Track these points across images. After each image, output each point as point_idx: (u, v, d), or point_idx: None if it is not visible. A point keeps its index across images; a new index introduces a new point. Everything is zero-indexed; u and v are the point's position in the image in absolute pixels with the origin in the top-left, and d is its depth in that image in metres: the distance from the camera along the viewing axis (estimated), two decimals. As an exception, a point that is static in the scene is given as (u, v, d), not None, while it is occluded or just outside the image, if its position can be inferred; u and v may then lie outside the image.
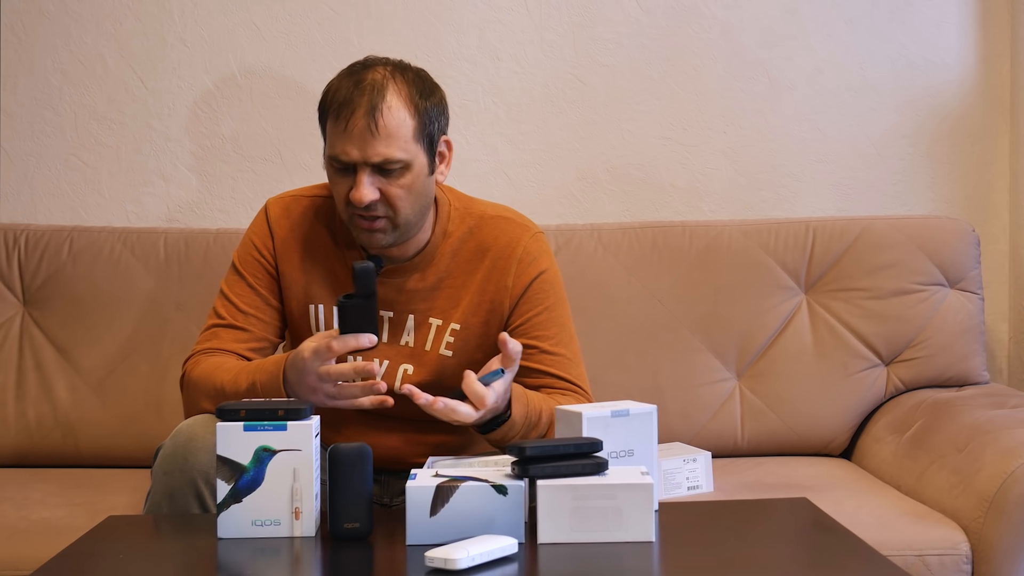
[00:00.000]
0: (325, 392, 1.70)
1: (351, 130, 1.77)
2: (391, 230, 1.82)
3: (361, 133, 1.76)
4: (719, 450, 2.35)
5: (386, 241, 1.83)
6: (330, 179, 1.84)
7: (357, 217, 1.81)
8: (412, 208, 1.82)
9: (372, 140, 1.77)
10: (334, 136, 1.80)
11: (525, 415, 1.77)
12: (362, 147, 1.77)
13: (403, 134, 1.78)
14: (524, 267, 1.91)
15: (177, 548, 1.56)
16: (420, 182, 1.82)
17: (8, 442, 2.37)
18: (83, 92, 2.60)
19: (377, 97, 1.77)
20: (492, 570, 1.36)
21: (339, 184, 1.82)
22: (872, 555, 1.43)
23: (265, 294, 1.93)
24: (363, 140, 1.77)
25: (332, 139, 1.80)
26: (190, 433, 1.69)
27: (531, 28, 2.62)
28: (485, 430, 1.76)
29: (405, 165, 1.79)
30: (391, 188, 1.79)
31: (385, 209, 1.80)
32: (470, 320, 1.90)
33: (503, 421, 1.74)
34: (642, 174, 2.64)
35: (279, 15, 2.61)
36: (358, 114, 1.76)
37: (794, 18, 2.63)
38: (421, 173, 1.82)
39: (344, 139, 1.78)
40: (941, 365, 2.41)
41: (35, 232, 2.45)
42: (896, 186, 2.66)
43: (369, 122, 1.76)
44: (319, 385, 1.69)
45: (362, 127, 1.76)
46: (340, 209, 1.84)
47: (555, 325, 1.92)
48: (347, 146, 1.78)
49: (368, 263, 1.66)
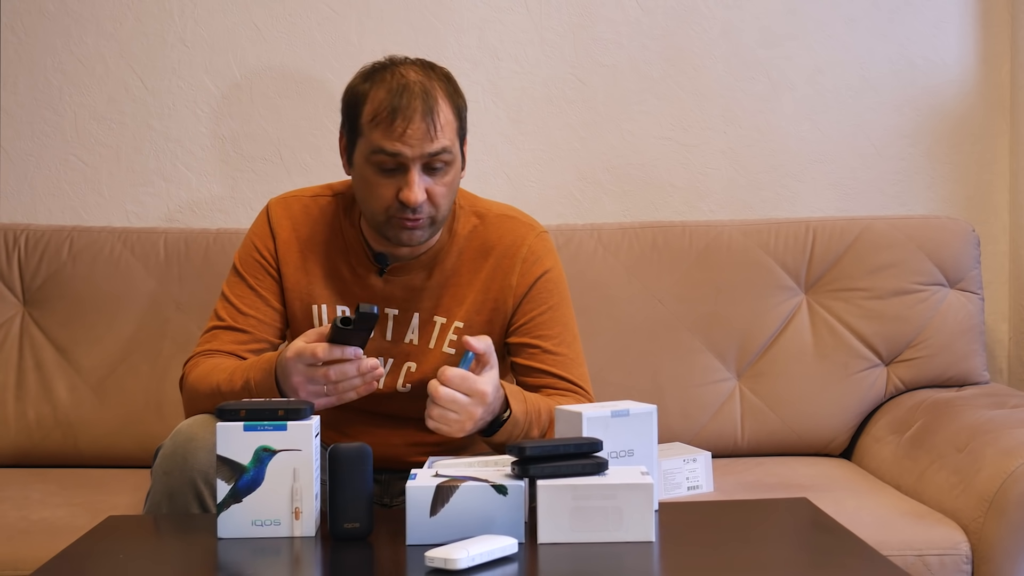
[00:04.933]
0: (312, 391, 1.69)
1: (411, 132, 1.77)
2: (428, 227, 1.83)
3: (420, 135, 1.77)
4: (719, 450, 2.35)
5: (423, 238, 1.84)
6: (368, 180, 1.82)
7: (399, 218, 1.81)
8: (448, 205, 1.85)
9: (429, 139, 1.78)
10: (383, 137, 1.78)
11: (525, 411, 1.77)
12: (419, 145, 1.77)
13: (451, 132, 1.81)
14: (528, 266, 1.91)
15: (177, 548, 1.56)
16: (458, 179, 1.86)
17: (8, 442, 2.37)
18: (83, 92, 2.60)
19: (430, 99, 1.79)
20: (492, 570, 1.36)
21: (382, 184, 1.80)
22: (872, 555, 1.43)
23: (266, 295, 1.93)
24: (421, 140, 1.77)
25: (380, 140, 1.78)
26: (189, 433, 1.70)
27: (531, 28, 2.62)
28: (488, 433, 1.76)
29: (451, 160, 1.82)
30: (436, 187, 1.81)
31: (430, 209, 1.81)
32: (474, 318, 1.90)
33: (504, 421, 1.74)
34: (642, 174, 2.64)
35: (279, 15, 2.61)
36: (416, 116, 1.77)
37: (794, 18, 2.63)
38: (459, 169, 1.86)
39: (400, 139, 1.77)
40: (941, 365, 2.41)
41: (35, 232, 2.45)
42: (896, 186, 2.66)
43: (428, 125, 1.77)
44: (304, 385, 1.69)
45: (422, 129, 1.77)
46: (376, 210, 1.82)
47: (558, 325, 1.92)
48: (401, 145, 1.77)
49: (374, 308, 1.64)
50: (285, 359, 1.70)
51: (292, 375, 1.69)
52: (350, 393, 1.70)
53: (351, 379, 1.68)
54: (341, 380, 1.68)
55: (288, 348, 1.71)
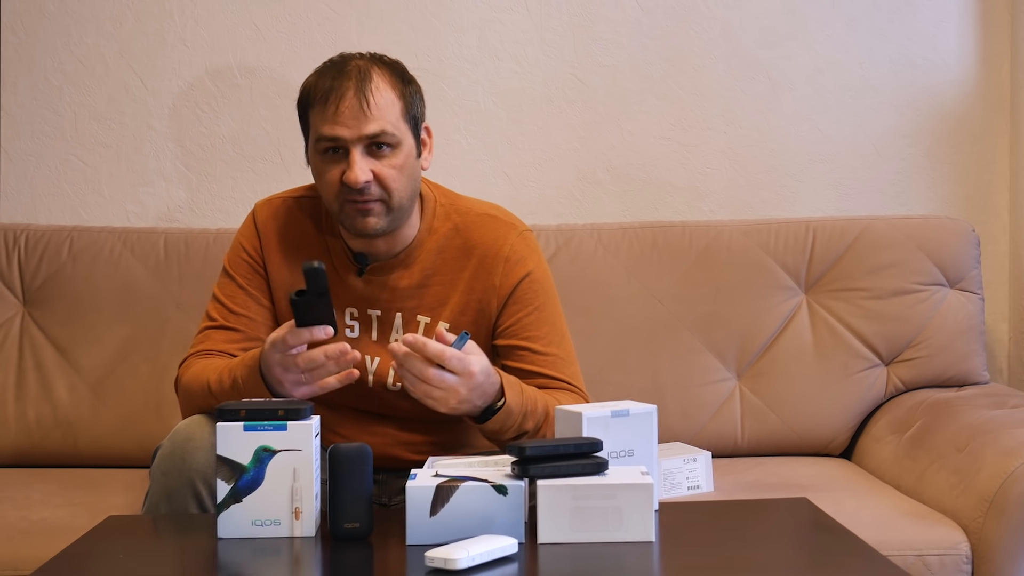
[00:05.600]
0: (291, 380, 1.69)
1: (342, 111, 1.78)
2: (385, 213, 1.82)
3: (353, 113, 1.78)
4: (719, 450, 2.34)
5: (380, 226, 1.82)
6: (318, 169, 1.84)
7: (350, 202, 1.81)
8: (404, 190, 1.83)
9: (364, 117, 1.78)
10: (322, 121, 1.80)
11: (521, 403, 1.76)
12: (355, 125, 1.78)
13: (392, 113, 1.80)
14: (511, 267, 1.90)
15: (177, 548, 1.56)
16: (410, 163, 1.83)
17: (8, 442, 2.37)
18: (83, 92, 2.60)
19: (364, 78, 1.80)
20: (492, 570, 1.36)
21: (329, 171, 1.81)
22: (872, 555, 1.43)
23: (255, 294, 1.94)
24: (355, 119, 1.78)
25: (320, 124, 1.80)
26: (188, 433, 1.70)
27: (531, 28, 2.62)
28: (482, 420, 1.75)
29: (396, 143, 1.80)
30: (384, 169, 1.80)
31: (379, 191, 1.80)
32: (459, 319, 1.90)
33: (498, 409, 1.74)
34: (642, 174, 2.64)
35: (279, 15, 2.61)
36: (348, 95, 1.78)
37: (794, 18, 2.63)
38: (411, 154, 1.84)
39: (334, 121, 1.78)
40: (941, 365, 2.41)
41: (35, 232, 2.45)
42: (896, 186, 2.66)
43: (360, 101, 1.78)
44: (284, 375, 1.69)
45: (354, 107, 1.78)
46: (330, 199, 1.83)
47: (546, 325, 1.91)
48: (337, 127, 1.78)
49: (317, 263, 1.64)
50: (263, 352, 1.71)
51: (273, 367, 1.69)
52: (330, 380, 1.69)
53: (322, 365, 1.67)
54: (311, 367, 1.68)
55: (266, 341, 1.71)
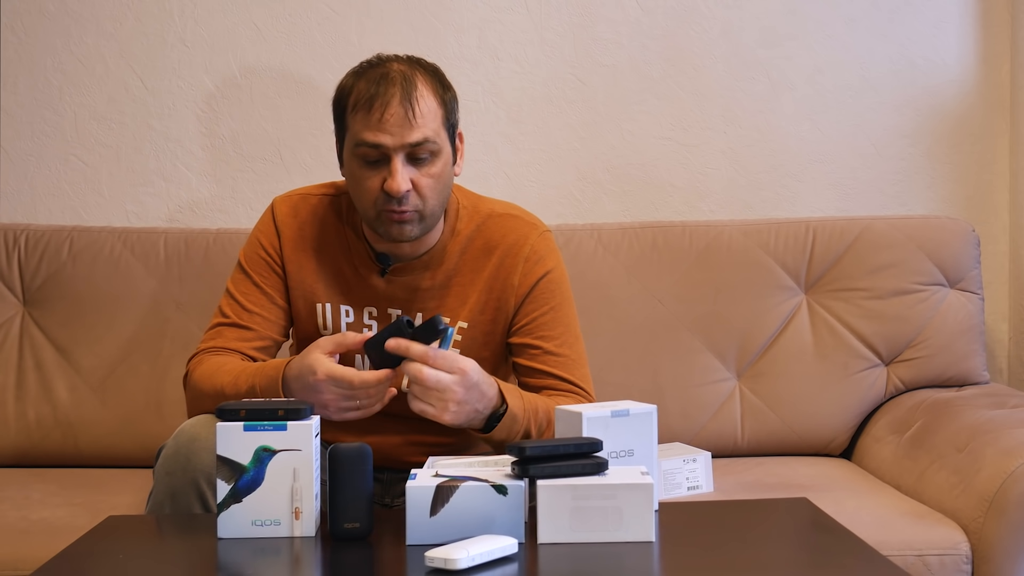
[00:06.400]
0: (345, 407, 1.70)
1: (388, 119, 1.76)
2: (418, 221, 1.82)
3: (399, 120, 1.76)
4: (719, 450, 2.35)
5: (413, 233, 1.82)
6: (355, 174, 1.82)
7: (387, 211, 1.80)
8: (438, 199, 1.83)
9: (409, 126, 1.77)
10: (364, 127, 1.78)
11: (523, 408, 1.76)
12: (399, 133, 1.76)
13: (435, 121, 1.80)
14: (531, 266, 1.91)
15: (177, 548, 1.56)
16: (447, 172, 1.84)
17: (8, 442, 2.37)
18: (83, 92, 2.60)
19: (409, 86, 1.78)
20: (492, 570, 1.36)
21: (368, 178, 1.80)
22: (872, 555, 1.43)
23: (271, 293, 1.93)
24: (400, 126, 1.76)
25: (361, 130, 1.78)
26: (192, 433, 1.69)
27: (531, 28, 2.62)
28: (486, 429, 1.75)
29: (437, 151, 1.80)
30: (422, 178, 1.79)
31: (417, 201, 1.80)
32: (477, 318, 1.90)
33: (501, 415, 1.74)
34: (642, 174, 2.64)
35: (279, 15, 2.61)
36: (394, 102, 1.76)
37: (794, 18, 2.63)
38: (448, 163, 1.83)
39: (379, 128, 1.77)
40: (941, 365, 2.41)
41: (35, 232, 2.45)
42: (896, 186, 2.66)
43: (407, 109, 1.76)
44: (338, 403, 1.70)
45: (400, 115, 1.76)
46: (366, 205, 1.82)
47: (560, 325, 1.91)
48: (381, 135, 1.77)
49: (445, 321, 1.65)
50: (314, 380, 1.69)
51: (323, 393, 1.69)
52: (376, 406, 1.72)
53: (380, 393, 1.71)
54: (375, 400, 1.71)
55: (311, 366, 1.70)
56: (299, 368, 1.71)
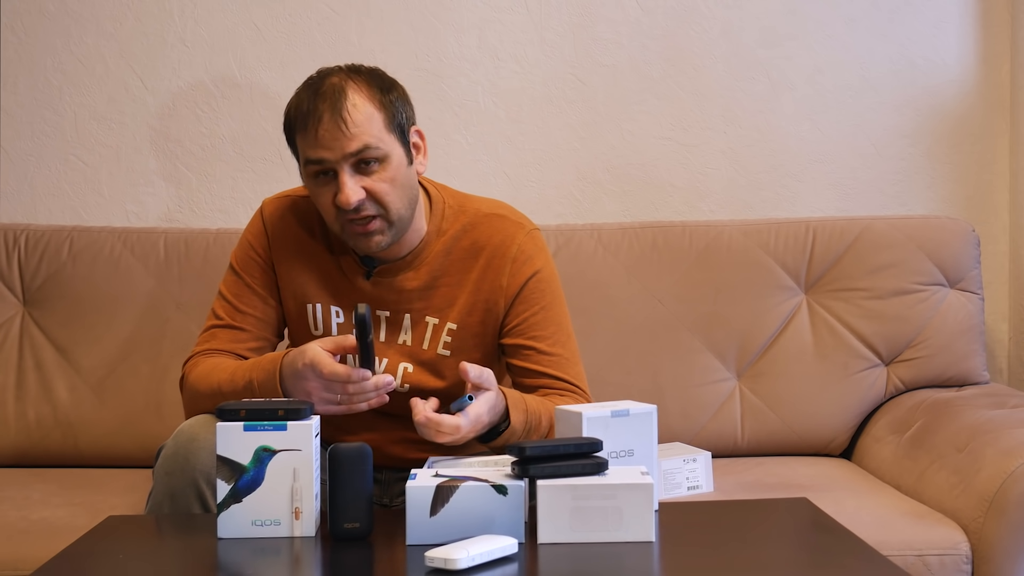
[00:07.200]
0: (326, 399, 1.70)
1: (322, 135, 1.76)
2: (387, 229, 1.81)
3: (333, 134, 1.76)
4: (719, 450, 2.35)
5: (384, 242, 1.82)
6: (313, 194, 1.83)
7: (349, 223, 1.80)
8: (401, 202, 1.81)
9: (344, 137, 1.76)
10: (306, 146, 1.79)
11: (525, 421, 1.77)
12: (337, 146, 1.76)
13: (374, 126, 1.78)
14: (519, 266, 1.90)
15: (177, 548, 1.57)
16: (402, 174, 1.82)
17: (8, 442, 2.37)
18: (83, 92, 2.60)
19: (339, 97, 1.77)
20: (492, 570, 1.36)
21: (323, 194, 1.80)
22: (872, 555, 1.43)
23: (263, 293, 1.93)
24: (336, 139, 1.76)
25: (305, 149, 1.79)
26: (192, 433, 1.69)
27: (531, 28, 2.62)
28: (486, 439, 1.76)
29: (383, 156, 1.79)
30: (375, 184, 1.78)
31: (375, 208, 1.79)
32: (467, 320, 1.90)
33: (501, 431, 1.75)
34: (642, 174, 2.64)
35: (279, 15, 2.61)
36: (325, 118, 1.76)
37: (794, 18, 2.63)
38: (401, 164, 1.82)
39: (316, 145, 1.77)
40: (941, 365, 2.41)
41: (35, 232, 2.45)
42: (896, 186, 2.66)
43: (338, 122, 1.75)
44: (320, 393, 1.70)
45: (332, 128, 1.76)
46: (330, 220, 1.83)
47: (552, 324, 1.91)
48: (320, 150, 1.77)
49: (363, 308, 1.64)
50: (302, 366, 1.70)
51: (308, 380, 1.69)
52: (362, 404, 1.71)
53: (367, 393, 1.70)
54: (358, 394, 1.70)
55: (303, 353, 1.70)
56: (294, 355, 1.72)
